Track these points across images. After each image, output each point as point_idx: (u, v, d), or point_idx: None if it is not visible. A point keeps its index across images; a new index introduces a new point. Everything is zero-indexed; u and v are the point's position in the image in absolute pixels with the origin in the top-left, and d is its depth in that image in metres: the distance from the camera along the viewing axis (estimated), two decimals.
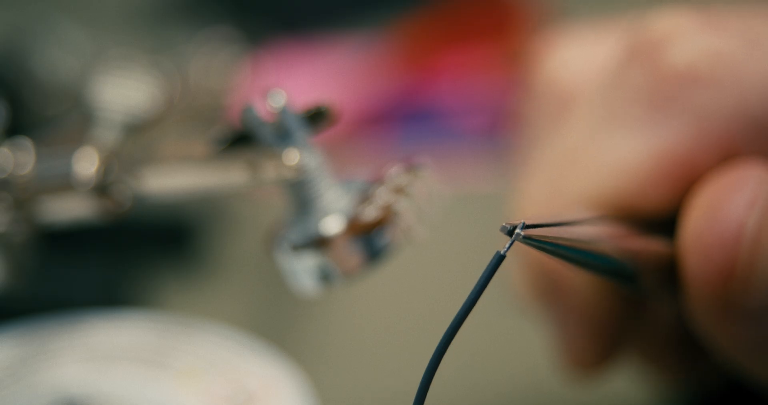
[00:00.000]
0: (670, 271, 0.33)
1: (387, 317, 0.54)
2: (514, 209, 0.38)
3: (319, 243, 0.35)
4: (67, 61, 0.64)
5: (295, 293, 0.37)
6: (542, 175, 0.37)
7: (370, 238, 0.35)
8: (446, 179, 0.36)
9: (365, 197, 0.36)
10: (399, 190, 0.35)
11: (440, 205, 0.36)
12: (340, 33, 0.81)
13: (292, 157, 0.36)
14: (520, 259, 0.37)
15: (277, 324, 0.54)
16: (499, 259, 0.25)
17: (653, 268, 0.33)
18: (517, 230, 0.25)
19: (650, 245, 0.33)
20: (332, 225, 0.35)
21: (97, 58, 0.62)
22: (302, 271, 0.36)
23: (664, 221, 0.33)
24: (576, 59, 0.40)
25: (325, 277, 0.36)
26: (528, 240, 0.25)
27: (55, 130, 0.49)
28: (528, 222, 0.25)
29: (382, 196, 0.35)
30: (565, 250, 0.27)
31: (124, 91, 0.43)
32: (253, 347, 0.42)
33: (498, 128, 0.72)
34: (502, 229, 0.25)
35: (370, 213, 0.35)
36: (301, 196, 0.36)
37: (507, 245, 0.25)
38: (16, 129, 0.42)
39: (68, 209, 0.40)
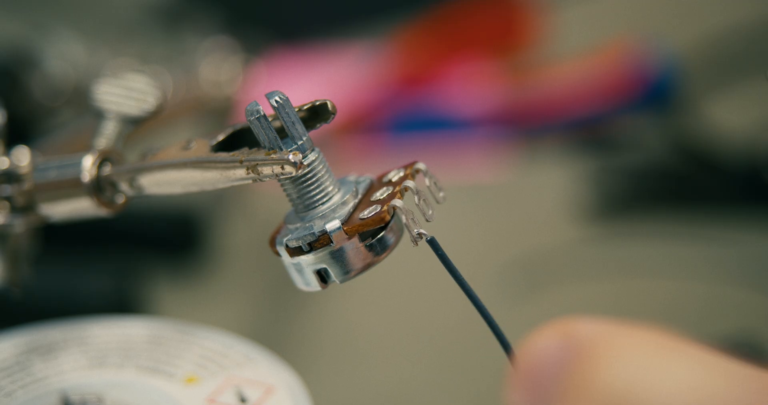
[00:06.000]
0: None
1: (385, 320, 0.54)
2: None
3: (319, 242, 0.35)
4: (68, 64, 0.64)
5: (294, 294, 0.37)
6: None
7: (369, 237, 0.35)
8: (446, 181, 0.36)
9: (365, 197, 0.36)
10: (399, 190, 0.35)
11: (439, 205, 0.36)
12: (341, 42, 0.81)
13: (292, 156, 0.36)
14: None
15: (275, 328, 0.54)
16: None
17: None
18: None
19: None
20: (332, 224, 0.35)
21: (98, 60, 0.62)
22: (302, 270, 0.36)
23: None
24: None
25: (325, 276, 0.36)
26: None
27: (57, 131, 0.49)
28: None
29: (382, 196, 0.35)
30: None
31: (124, 92, 0.43)
32: (252, 351, 0.42)
33: (498, 135, 0.72)
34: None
35: (370, 212, 0.35)
36: (301, 195, 0.36)
37: None
38: (16, 129, 0.42)
39: (68, 209, 0.40)
